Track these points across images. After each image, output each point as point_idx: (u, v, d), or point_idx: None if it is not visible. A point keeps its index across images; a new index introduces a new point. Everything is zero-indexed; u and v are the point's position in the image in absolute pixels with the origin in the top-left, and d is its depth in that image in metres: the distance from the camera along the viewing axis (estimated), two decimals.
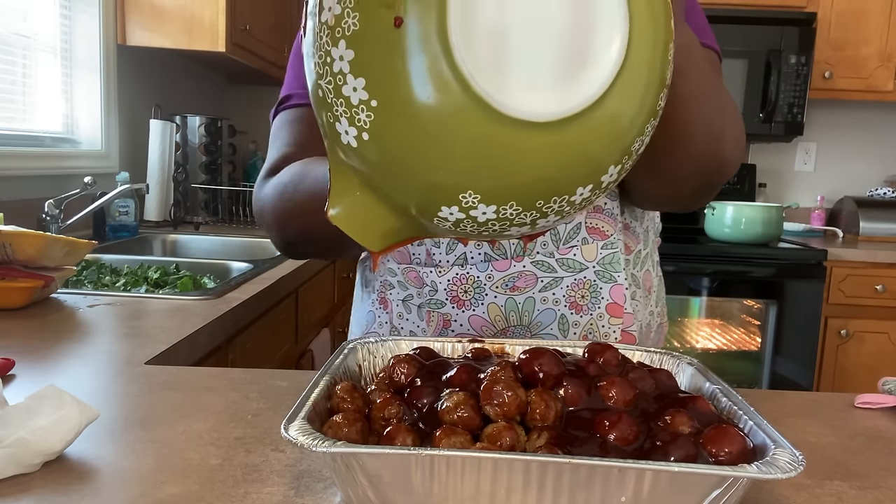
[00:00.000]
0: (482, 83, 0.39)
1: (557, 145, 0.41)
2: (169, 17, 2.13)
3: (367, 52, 0.40)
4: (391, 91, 0.40)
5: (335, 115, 0.43)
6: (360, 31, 0.40)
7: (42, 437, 0.51)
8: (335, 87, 0.42)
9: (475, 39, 0.38)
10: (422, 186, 0.44)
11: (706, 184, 0.71)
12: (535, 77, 0.40)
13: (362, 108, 0.41)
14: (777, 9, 2.78)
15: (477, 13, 0.38)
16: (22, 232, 1.06)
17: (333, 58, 0.41)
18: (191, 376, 0.75)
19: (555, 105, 0.40)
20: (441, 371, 0.53)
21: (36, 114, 1.94)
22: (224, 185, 2.51)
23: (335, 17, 0.41)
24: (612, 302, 0.82)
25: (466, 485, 0.41)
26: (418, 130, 0.41)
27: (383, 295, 0.87)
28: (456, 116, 0.40)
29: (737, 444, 0.44)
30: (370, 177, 0.46)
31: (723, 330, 2.80)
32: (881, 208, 3.00)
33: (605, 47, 0.40)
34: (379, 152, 0.43)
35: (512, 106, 0.39)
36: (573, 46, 0.40)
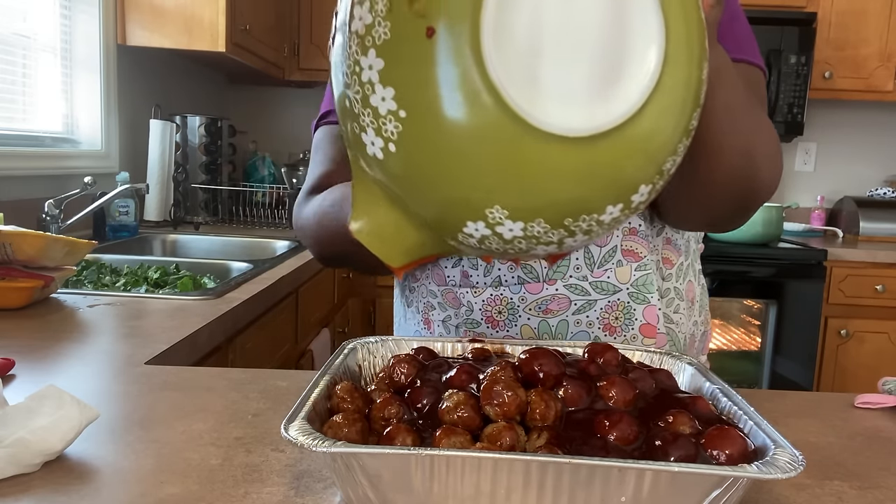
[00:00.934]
0: (514, 95, 0.38)
1: (589, 162, 0.40)
2: (169, 17, 2.13)
3: (398, 62, 0.40)
4: (421, 101, 0.40)
5: (361, 125, 0.42)
6: (390, 40, 0.40)
7: (42, 437, 0.51)
8: (363, 96, 0.41)
9: (508, 51, 0.38)
10: (447, 200, 0.43)
11: (739, 206, 0.69)
12: (568, 91, 0.39)
13: (390, 119, 0.41)
14: (777, 9, 2.78)
15: (511, 25, 0.38)
16: (22, 232, 1.06)
17: (362, 67, 0.41)
18: (191, 376, 0.75)
19: (588, 120, 0.39)
20: (441, 371, 0.53)
21: (36, 114, 1.94)
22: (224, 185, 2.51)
23: (366, 26, 0.40)
24: (645, 323, 0.82)
25: (466, 485, 0.41)
26: (447, 142, 0.40)
27: (427, 316, 0.88)
28: (486, 128, 0.39)
29: (737, 446, 0.43)
30: (394, 190, 0.45)
31: (723, 330, 2.80)
32: (881, 208, 3.00)
33: (640, 64, 0.39)
34: (405, 164, 0.42)
35: (544, 119, 0.39)
36: (608, 62, 0.39)
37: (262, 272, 1.54)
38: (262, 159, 2.95)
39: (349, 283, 2.52)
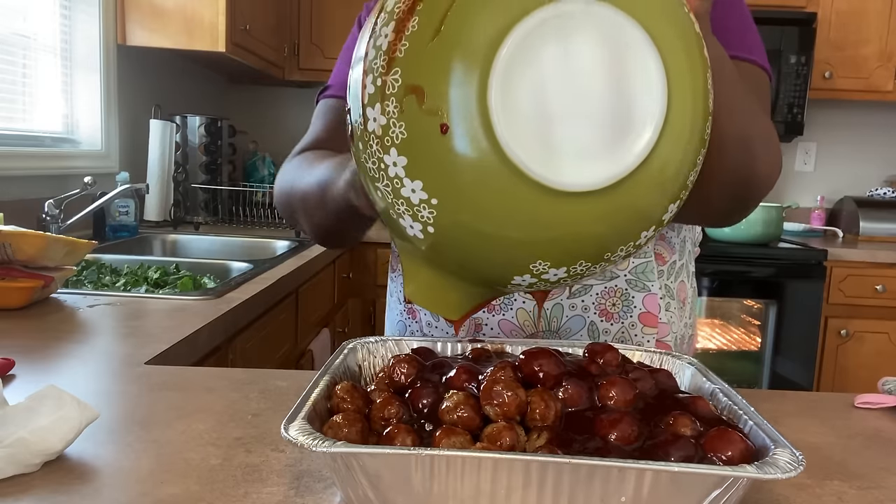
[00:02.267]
0: (536, 168, 0.40)
1: (618, 205, 0.43)
2: (169, 17, 2.13)
3: (420, 158, 0.42)
4: (450, 189, 0.42)
5: (397, 212, 0.45)
6: (408, 139, 0.42)
7: (42, 437, 0.50)
8: (393, 189, 0.44)
9: (520, 129, 0.40)
10: (491, 265, 0.46)
11: (738, 200, 0.69)
12: (582, 150, 0.41)
13: (424, 207, 0.43)
14: (777, 9, 2.78)
15: (518, 104, 0.40)
16: (22, 232, 1.06)
17: (387, 164, 0.43)
18: (191, 376, 0.75)
19: (608, 170, 0.41)
20: (441, 371, 0.53)
21: (36, 114, 1.94)
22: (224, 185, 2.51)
23: (381, 127, 0.43)
24: (645, 311, 0.82)
25: (466, 485, 0.41)
26: (481, 219, 0.43)
27: (410, 306, 0.88)
28: (516, 202, 0.42)
29: (738, 447, 0.43)
30: (438, 260, 0.48)
31: (723, 330, 2.80)
32: (881, 208, 3.00)
33: (646, 108, 0.41)
34: (445, 242, 0.45)
35: (568, 182, 0.41)
36: (615, 113, 0.41)
37: (262, 272, 1.54)
38: (262, 159, 2.95)
39: (349, 284, 2.52)
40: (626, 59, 0.41)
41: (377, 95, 0.43)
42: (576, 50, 0.40)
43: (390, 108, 0.42)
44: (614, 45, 0.41)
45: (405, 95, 0.41)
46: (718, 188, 0.66)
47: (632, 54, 0.41)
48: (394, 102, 0.42)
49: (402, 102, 0.42)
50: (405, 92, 0.41)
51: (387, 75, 0.42)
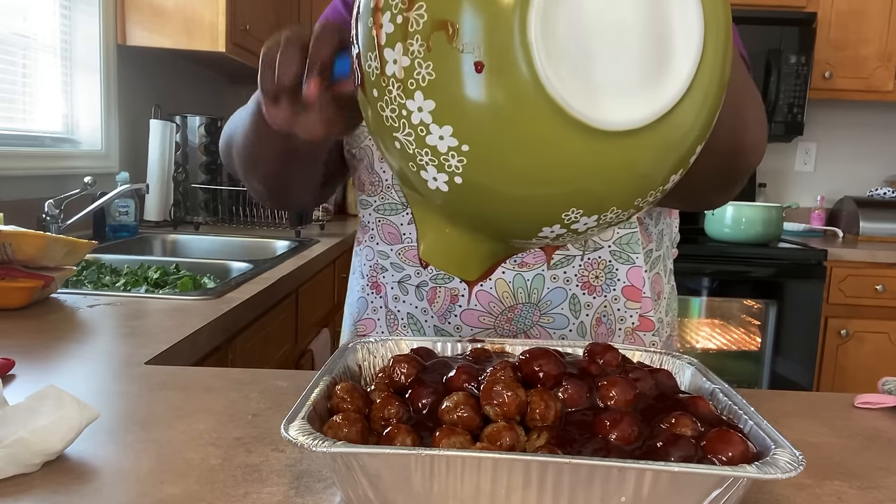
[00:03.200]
0: (578, 106, 0.38)
1: (655, 144, 0.41)
2: (169, 17, 2.13)
3: (450, 100, 0.39)
4: (483, 133, 0.39)
5: (419, 164, 0.42)
6: (436, 80, 0.39)
7: (42, 437, 0.50)
8: (417, 137, 0.41)
9: (561, 65, 0.37)
10: (521, 216, 0.43)
11: (726, 173, 0.67)
12: (624, 87, 0.39)
13: (452, 155, 0.40)
14: (777, 9, 2.78)
15: (559, 39, 0.37)
16: (22, 232, 1.06)
17: (410, 110, 0.40)
18: (191, 376, 0.75)
19: (650, 106, 0.39)
20: (441, 371, 0.53)
21: (36, 114, 1.94)
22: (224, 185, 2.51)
23: (404, 69, 0.40)
24: (629, 284, 0.80)
25: (466, 485, 0.41)
26: (516, 166, 0.40)
27: (375, 279, 0.85)
28: (554, 143, 0.39)
29: (738, 448, 0.43)
30: (461, 215, 0.45)
31: (723, 330, 2.80)
32: (881, 208, 3.00)
33: (685, 38, 0.39)
34: (473, 193, 0.42)
35: (611, 120, 0.38)
36: (655, 45, 0.39)
37: (262, 272, 1.54)
38: None
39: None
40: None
41: (398, 34, 0.39)
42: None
43: (415, 48, 0.39)
44: None
45: (433, 32, 0.38)
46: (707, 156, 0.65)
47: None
48: (419, 40, 0.39)
49: (430, 40, 0.38)
50: (432, 28, 0.38)
51: (409, 11, 0.39)
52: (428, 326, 0.81)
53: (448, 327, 0.81)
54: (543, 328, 0.80)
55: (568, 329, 0.80)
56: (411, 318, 0.82)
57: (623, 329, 0.82)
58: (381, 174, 0.82)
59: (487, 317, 0.80)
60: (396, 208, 0.82)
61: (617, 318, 0.81)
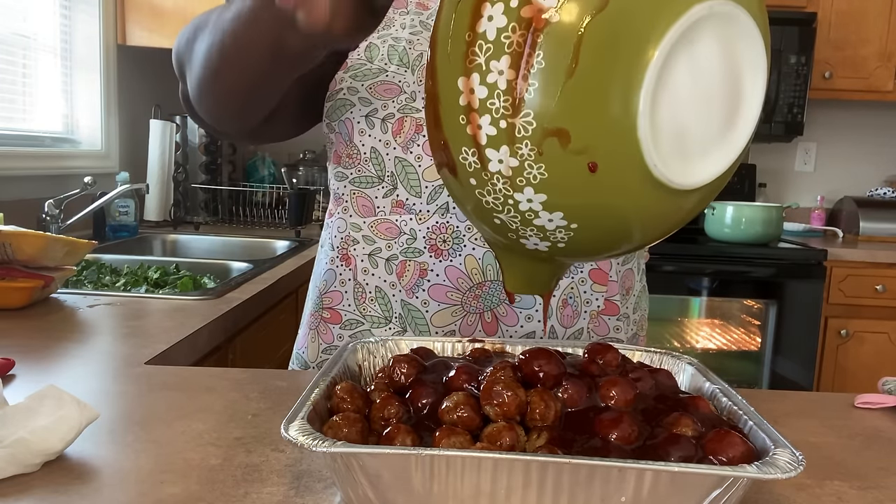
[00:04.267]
0: (677, 180, 0.41)
1: (719, 182, 0.44)
2: (169, 17, 2.13)
3: (562, 193, 0.41)
4: (593, 216, 0.42)
5: (522, 236, 0.45)
6: (549, 178, 0.41)
7: (42, 437, 0.50)
8: (523, 220, 0.43)
9: (665, 149, 0.40)
10: (596, 255, 0.50)
11: None
12: (707, 146, 0.42)
13: (560, 231, 0.43)
14: (777, 9, 2.78)
15: (661, 128, 0.39)
16: (22, 232, 1.06)
17: (518, 200, 0.42)
18: (191, 376, 0.75)
19: (726, 159, 0.42)
20: (441, 371, 0.53)
21: (36, 114, 1.94)
22: (224, 185, 2.51)
23: (512, 168, 0.41)
24: (595, 268, 0.81)
25: (466, 485, 0.41)
26: (617, 233, 0.44)
27: (345, 252, 0.84)
28: (652, 209, 0.43)
29: (738, 449, 0.43)
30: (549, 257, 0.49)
31: (723, 330, 2.80)
32: (881, 208, 3.00)
33: (753, 90, 0.42)
34: (571, 254, 0.46)
35: (697, 181, 0.42)
36: (730, 103, 0.42)
37: (262, 272, 1.54)
38: (262, 159, 2.95)
39: None
40: (737, 49, 0.41)
41: (503, 138, 0.40)
42: (700, 54, 0.40)
43: (524, 151, 0.40)
44: (728, 38, 0.41)
45: (544, 139, 0.39)
46: None
47: (742, 44, 0.41)
48: (528, 145, 0.40)
49: (541, 146, 0.39)
50: (544, 135, 0.39)
51: (514, 118, 0.39)
52: (395, 301, 0.81)
53: (416, 301, 0.80)
54: (510, 307, 0.80)
55: (534, 309, 0.80)
56: (379, 292, 0.82)
57: (588, 312, 0.82)
58: (359, 147, 0.81)
59: (455, 293, 0.80)
60: (372, 181, 0.82)
61: (583, 300, 0.81)
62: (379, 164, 0.81)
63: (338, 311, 0.84)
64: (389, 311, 0.81)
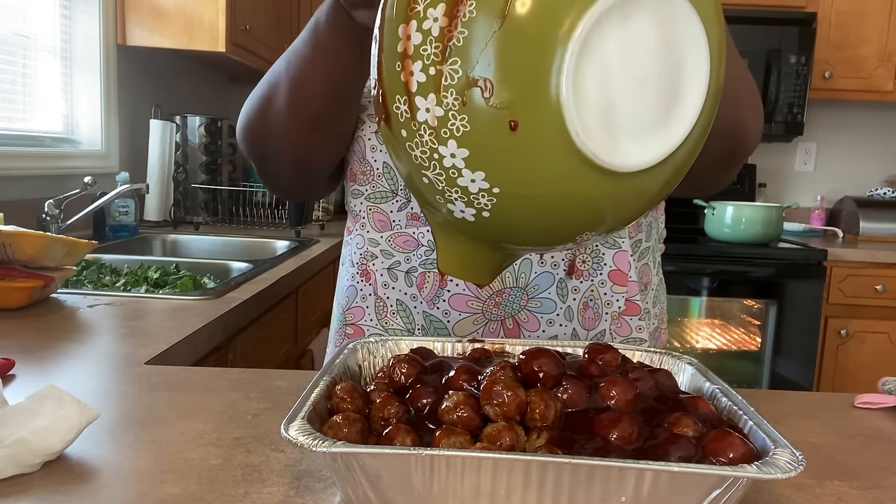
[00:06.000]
0: (604, 157, 0.40)
1: (664, 173, 0.44)
2: (169, 17, 2.13)
3: (483, 151, 0.41)
4: (515, 179, 0.42)
5: (447, 199, 0.44)
6: (471, 132, 0.40)
7: (42, 437, 0.51)
8: (448, 178, 0.43)
9: (590, 118, 0.39)
10: (539, 240, 0.47)
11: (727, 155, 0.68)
12: (643, 130, 0.41)
13: (482, 195, 0.43)
14: (777, 9, 2.78)
15: (586, 96, 0.39)
16: (22, 232, 1.06)
17: (443, 154, 0.42)
18: (191, 376, 0.75)
19: (663, 147, 0.42)
20: (441, 371, 0.53)
21: (36, 114, 1.94)
22: (224, 185, 2.51)
23: (437, 118, 0.41)
24: (615, 269, 0.81)
25: (466, 485, 0.41)
26: (542, 204, 0.43)
27: (364, 267, 0.85)
28: (579, 187, 0.42)
29: (739, 450, 0.43)
30: (483, 237, 0.48)
31: (723, 330, 2.80)
32: (881, 208, 3.00)
33: (694, 78, 0.42)
34: (499, 226, 0.45)
35: (630, 164, 0.41)
36: (668, 89, 0.41)
37: (262, 272, 1.54)
38: None
39: None
40: (675, 32, 0.41)
41: (431, 85, 0.41)
42: (634, 31, 0.39)
43: (449, 100, 0.40)
44: (665, 19, 0.40)
45: (468, 88, 0.39)
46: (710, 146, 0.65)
47: (680, 27, 0.41)
48: (453, 94, 0.40)
49: (465, 95, 0.40)
50: (468, 84, 0.39)
51: (443, 64, 0.40)
52: (417, 312, 0.82)
53: (437, 312, 0.81)
54: (531, 312, 0.81)
55: (555, 313, 0.81)
56: (400, 305, 0.83)
57: (609, 313, 0.83)
58: (372, 163, 0.82)
59: (475, 301, 0.81)
60: (386, 196, 0.82)
61: (603, 302, 0.82)
62: (392, 178, 0.82)
63: (360, 326, 0.85)
64: (412, 323, 0.82)
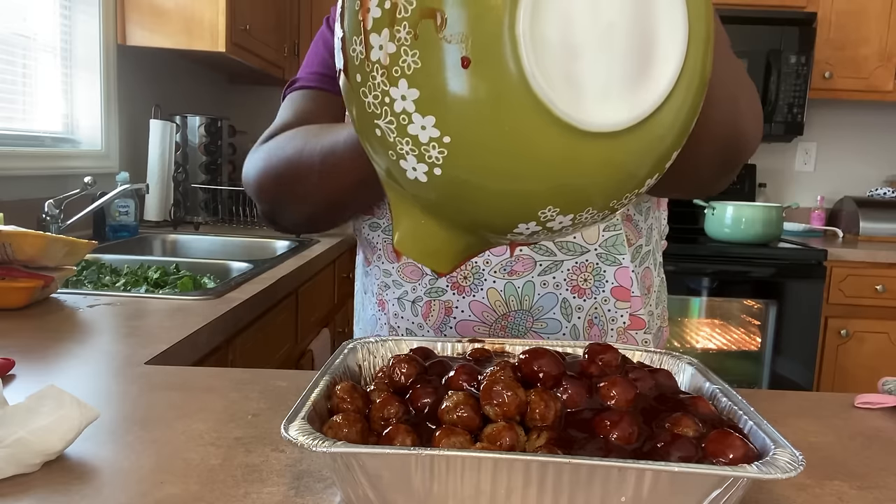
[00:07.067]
0: (562, 106, 0.38)
1: (634, 147, 0.41)
2: (169, 17, 2.13)
3: (434, 91, 0.39)
4: (466, 127, 0.39)
5: (399, 153, 0.42)
6: (422, 69, 0.38)
7: (42, 437, 0.51)
8: (398, 126, 0.41)
9: (547, 63, 0.37)
10: (498, 212, 0.43)
11: (725, 160, 0.68)
12: (608, 88, 0.39)
13: (433, 146, 0.40)
14: (777, 9, 2.78)
15: (546, 37, 0.37)
16: (22, 232, 1.06)
17: (393, 97, 0.40)
18: (191, 376, 0.75)
19: (632, 110, 0.39)
20: (441, 371, 0.53)
21: (36, 114, 1.94)
22: (224, 185, 2.51)
23: (389, 55, 0.39)
24: (617, 285, 0.81)
25: (466, 485, 0.41)
26: (496, 161, 0.40)
27: (381, 297, 0.87)
28: (536, 141, 0.39)
29: (739, 451, 0.43)
30: (438, 206, 0.45)
31: (723, 330, 2.80)
32: (881, 208, 3.00)
33: (668, 43, 0.39)
34: (452, 185, 0.42)
35: (593, 121, 0.38)
36: (640, 51, 0.39)
37: (262, 272, 1.54)
38: None
39: (349, 283, 2.52)
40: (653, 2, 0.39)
41: (385, 19, 0.39)
42: None
43: (401, 35, 0.38)
44: None
45: (420, 20, 0.38)
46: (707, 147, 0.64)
47: None
48: (406, 28, 0.38)
49: (417, 28, 0.38)
50: (420, 16, 0.38)
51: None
52: None
53: None
54: (537, 334, 0.82)
55: (561, 333, 0.82)
56: (410, 334, 0.85)
57: (615, 329, 0.83)
58: None
59: (482, 326, 0.82)
60: None
61: (608, 318, 0.82)
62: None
63: None
64: None
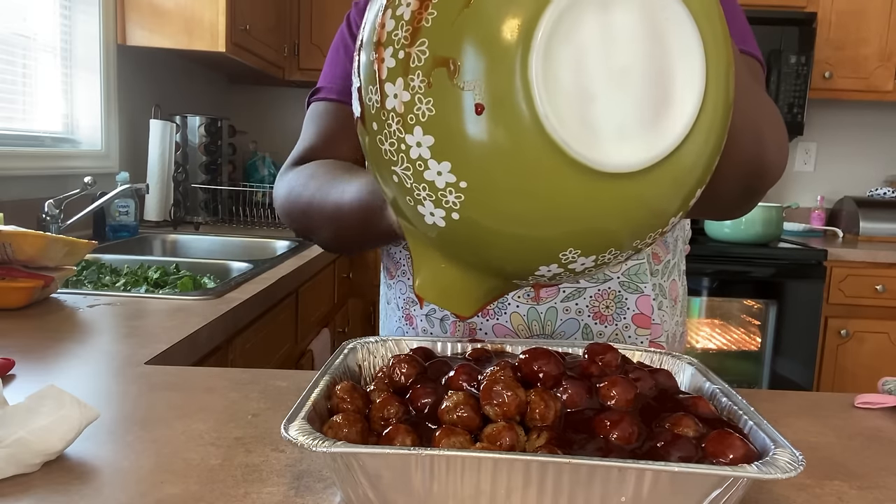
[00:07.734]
0: (578, 148, 0.38)
1: (655, 187, 0.41)
2: (169, 17, 2.13)
3: (449, 137, 0.39)
4: (482, 172, 0.39)
5: (417, 198, 0.42)
6: (436, 116, 0.39)
7: (42, 437, 0.50)
8: (415, 172, 0.41)
9: (562, 106, 0.37)
10: (518, 256, 0.43)
11: (748, 189, 0.68)
12: (625, 129, 0.39)
13: (450, 191, 0.40)
14: (777, 9, 2.78)
15: (559, 81, 0.37)
16: (22, 232, 1.06)
17: (409, 144, 0.40)
18: (191, 376, 0.75)
19: (650, 150, 0.39)
20: (441, 371, 0.53)
21: (36, 114, 1.94)
22: (224, 185, 2.51)
23: (404, 104, 0.40)
24: (638, 312, 0.82)
25: (466, 485, 0.41)
26: (514, 204, 0.40)
27: (408, 312, 0.88)
28: (553, 184, 0.39)
29: (739, 451, 0.43)
30: (457, 250, 0.45)
31: (723, 330, 2.80)
32: (881, 208, 3.00)
33: (686, 82, 0.39)
34: (470, 229, 0.42)
35: (610, 163, 0.38)
36: (655, 89, 0.39)
37: (262, 272, 1.54)
38: (262, 159, 2.95)
39: (349, 283, 2.52)
40: (665, 33, 0.39)
41: (399, 69, 0.40)
42: (616, 22, 0.38)
43: (416, 83, 0.39)
44: (654, 18, 0.39)
45: (434, 68, 0.38)
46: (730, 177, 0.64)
47: (671, 29, 0.39)
48: (420, 76, 0.39)
49: (430, 76, 0.38)
50: (434, 65, 0.38)
51: (411, 47, 0.39)
52: None
53: None
54: None
55: None
56: None
57: None
58: None
59: None
60: None
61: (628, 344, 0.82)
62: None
63: None
64: None
